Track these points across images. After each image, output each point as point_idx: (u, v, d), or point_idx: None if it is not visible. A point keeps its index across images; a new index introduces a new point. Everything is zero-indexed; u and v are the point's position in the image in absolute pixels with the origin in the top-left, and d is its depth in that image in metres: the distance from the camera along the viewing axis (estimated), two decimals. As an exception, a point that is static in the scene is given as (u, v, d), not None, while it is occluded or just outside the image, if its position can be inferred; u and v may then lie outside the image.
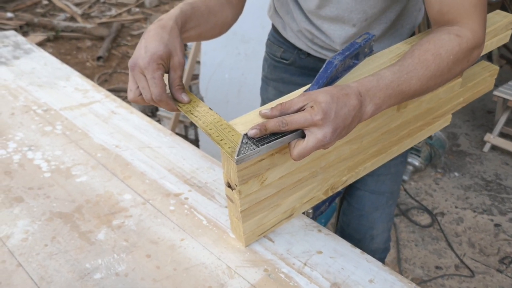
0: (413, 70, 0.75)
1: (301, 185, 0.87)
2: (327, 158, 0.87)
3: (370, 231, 1.26)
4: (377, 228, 1.26)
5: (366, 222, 1.25)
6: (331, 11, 0.98)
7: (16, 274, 0.79)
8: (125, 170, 1.06)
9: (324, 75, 0.78)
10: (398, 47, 0.95)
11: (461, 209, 2.46)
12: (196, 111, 0.78)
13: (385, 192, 1.22)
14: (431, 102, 1.03)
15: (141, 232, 0.89)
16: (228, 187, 0.77)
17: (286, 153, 0.77)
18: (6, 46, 1.65)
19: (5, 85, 1.39)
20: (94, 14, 5.06)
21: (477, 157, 2.87)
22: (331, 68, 0.78)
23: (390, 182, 1.21)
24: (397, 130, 1.00)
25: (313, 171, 0.87)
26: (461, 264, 2.12)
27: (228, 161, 0.73)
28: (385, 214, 1.25)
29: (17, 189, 0.98)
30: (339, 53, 0.82)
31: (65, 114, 1.26)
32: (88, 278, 0.79)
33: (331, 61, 0.79)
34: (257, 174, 0.75)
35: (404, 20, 1.04)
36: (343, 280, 0.81)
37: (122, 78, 3.84)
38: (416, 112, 1.01)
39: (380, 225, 1.26)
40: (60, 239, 0.87)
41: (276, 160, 0.77)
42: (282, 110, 0.71)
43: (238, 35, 2.19)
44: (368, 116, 0.73)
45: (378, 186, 1.21)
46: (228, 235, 0.89)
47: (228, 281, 0.79)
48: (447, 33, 0.80)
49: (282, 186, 0.82)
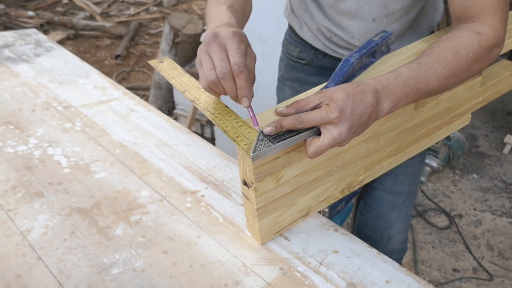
0: (431, 68, 0.74)
1: (317, 183, 0.86)
2: (344, 157, 0.87)
3: (387, 231, 1.25)
4: (394, 228, 1.25)
5: (383, 222, 1.24)
6: (351, 3, 0.96)
7: (36, 268, 0.80)
8: (142, 167, 1.07)
9: (340, 73, 0.78)
10: (415, 45, 0.94)
11: (479, 211, 2.42)
12: (213, 108, 0.78)
13: (402, 192, 1.21)
14: (450, 100, 1.02)
15: (158, 229, 0.90)
16: (244, 184, 0.78)
17: (302, 151, 0.77)
18: (27, 44, 1.68)
19: (26, 82, 1.42)
20: (113, 13, 5.11)
21: (497, 159, 2.82)
22: (348, 66, 0.78)
23: (408, 182, 1.20)
24: (414, 129, 0.99)
25: (329, 170, 0.86)
26: (479, 267, 2.09)
27: (244, 158, 0.73)
28: (402, 214, 1.24)
29: (38, 184, 1.00)
30: (356, 51, 0.81)
31: (85, 111, 1.28)
32: (106, 273, 0.80)
33: (348, 59, 0.78)
34: (273, 172, 0.75)
35: (422, 20, 1.03)
36: (359, 280, 0.80)
37: (139, 77, 3.87)
38: (434, 111, 1.00)
39: (397, 226, 1.25)
40: (79, 234, 0.88)
41: (292, 158, 0.76)
42: (298, 107, 0.71)
43: (256, 34, 2.19)
44: (385, 114, 0.72)
45: (396, 186, 1.20)
46: (244, 233, 0.89)
47: (244, 279, 0.79)
48: (467, 30, 0.78)
49: (298, 184, 0.82)
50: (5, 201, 0.95)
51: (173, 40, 2.90)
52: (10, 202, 0.95)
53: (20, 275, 0.79)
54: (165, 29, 2.95)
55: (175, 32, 2.87)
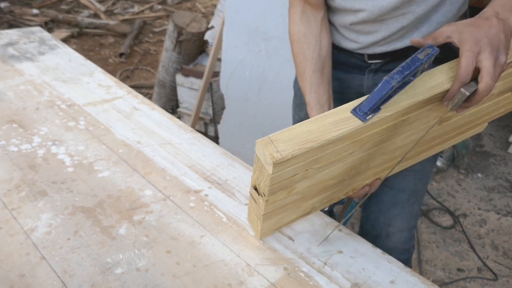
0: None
1: (326, 190, 0.86)
2: (358, 167, 0.86)
3: (386, 228, 1.20)
4: (394, 225, 1.19)
5: (383, 218, 1.20)
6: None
7: (39, 267, 0.80)
8: (146, 166, 1.06)
9: (378, 95, 0.70)
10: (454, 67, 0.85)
11: (484, 211, 2.41)
12: None
13: (406, 189, 1.16)
14: (474, 115, 0.98)
15: (162, 228, 0.90)
16: (254, 189, 0.77)
17: (320, 167, 0.75)
18: (32, 42, 1.68)
19: (30, 80, 1.42)
20: (117, 11, 5.12)
21: (502, 158, 2.80)
22: (388, 89, 0.70)
23: (413, 179, 1.15)
24: (431, 141, 0.98)
25: (341, 179, 0.85)
26: (483, 267, 2.08)
27: (262, 171, 0.70)
28: (404, 212, 1.18)
29: (41, 183, 1.00)
30: (398, 71, 0.72)
31: (88, 110, 1.27)
32: (110, 273, 0.80)
33: (389, 81, 0.71)
34: (287, 187, 0.75)
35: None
36: (364, 280, 0.80)
37: (143, 75, 3.87)
38: (457, 124, 0.97)
39: (397, 223, 1.19)
40: (82, 233, 0.88)
41: (309, 173, 0.75)
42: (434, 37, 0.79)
43: (260, 33, 2.19)
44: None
45: (399, 182, 1.15)
46: (247, 233, 0.89)
47: (248, 279, 0.79)
48: None
49: (308, 192, 0.82)
50: (9, 200, 0.95)
51: (177, 38, 2.90)
52: (13, 201, 0.95)
53: (24, 274, 0.78)
54: (169, 27, 2.95)
55: (179, 30, 2.87)
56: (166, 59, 3.01)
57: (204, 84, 2.65)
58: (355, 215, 2.32)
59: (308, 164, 0.71)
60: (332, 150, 0.72)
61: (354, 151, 0.77)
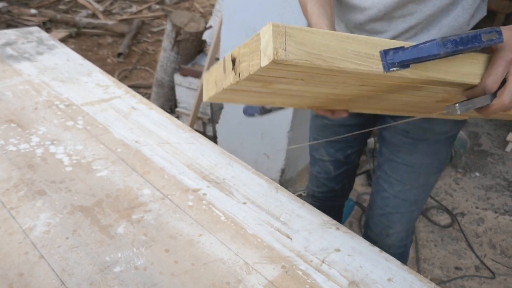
0: None
1: (297, 98, 0.80)
2: (342, 97, 0.79)
3: (387, 229, 1.30)
4: (395, 227, 1.29)
5: (385, 221, 1.29)
6: None
7: (38, 266, 0.80)
8: (144, 166, 1.07)
9: (418, 53, 0.61)
10: None
11: (482, 209, 2.42)
12: None
13: (409, 200, 1.24)
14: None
15: (160, 227, 0.90)
16: (231, 61, 0.67)
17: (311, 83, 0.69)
18: (30, 42, 1.68)
19: (28, 80, 1.42)
20: (115, 11, 5.11)
21: (499, 157, 2.81)
22: (433, 53, 0.61)
23: (417, 192, 1.23)
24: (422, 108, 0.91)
25: (318, 96, 0.79)
26: (481, 265, 2.09)
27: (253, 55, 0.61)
28: (405, 217, 1.27)
29: (40, 183, 1.00)
30: (454, 41, 0.62)
31: (87, 109, 1.28)
32: (108, 271, 0.80)
33: (439, 46, 0.61)
34: (267, 82, 0.67)
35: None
36: (362, 278, 0.80)
37: (142, 75, 3.87)
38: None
39: (398, 226, 1.29)
40: (81, 232, 0.88)
41: (297, 83, 0.68)
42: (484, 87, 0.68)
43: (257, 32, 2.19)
44: None
45: (403, 193, 1.23)
46: (246, 231, 0.89)
47: (246, 277, 0.79)
48: None
49: (282, 93, 0.75)
50: (7, 199, 0.95)
51: (175, 38, 2.90)
52: (12, 200, 0.95)
53: (23, 273, 0.79)
54: (167, 27, 2.95)
55: (177, 30, 2.87)
56: (164, 59, 3.01)
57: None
58: (352, 214, 2.33)
59: (303, 75, 0.64)
60: (335, 77, 0.65)
61: (351, 85, 0.71)
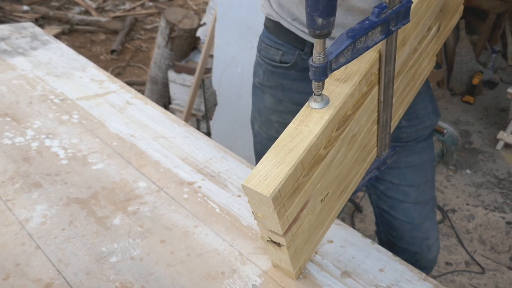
0: None
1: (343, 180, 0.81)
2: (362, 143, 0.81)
3: (425, 242, 1.20)
4: (431, 237, 1.20)
5: (419, 233, 1.19)
6: None
7: (35, 256, 0.81)
8: (140, 159, 1.08)
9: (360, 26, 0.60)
10: None
11: (472, 206, 2.45)
12: None
13: (428, 200, 1.18)
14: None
15: (156, 219, 0.91)
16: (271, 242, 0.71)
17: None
18: (23, 37, 1.68)
19: (23, 75, 1.42)
20: (108, 8, 5.10)
21: (490, 155, 2.85)
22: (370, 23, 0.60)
23: (430, 189, 1.18)
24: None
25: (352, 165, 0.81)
26: (471, 261, 2.12)
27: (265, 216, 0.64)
28: (433, 221, 1.20)
29: (36, 175, 1.01)
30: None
31: (82, 104, 1.28)
32: (105, 261, 0.81)
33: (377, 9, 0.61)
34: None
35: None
36: (354, 268, 0.82)
37: (135, 71, 3.87)
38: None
39: (433, 234, 1.20)
40: (77, 223, 0.89)
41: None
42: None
43: (252, 29, 2.20)
44: None
45: (421, 196, 1.16)
46: (240, 223, 0.91)
47: (240, 267, 0.81)
48: None
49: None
50: (3, 191, 0.96)
51: (169, 35, 2.90)
52: (8, 192, 0.95)
53: (19, 263, 0.80)
54: (161, 24, 2.95)
55: (171, 27, 2.87)
56: (158, 56, 3.01)
57: (196, 80, 2.66)
58: (345, 210, 2.35)
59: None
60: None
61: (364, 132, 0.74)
